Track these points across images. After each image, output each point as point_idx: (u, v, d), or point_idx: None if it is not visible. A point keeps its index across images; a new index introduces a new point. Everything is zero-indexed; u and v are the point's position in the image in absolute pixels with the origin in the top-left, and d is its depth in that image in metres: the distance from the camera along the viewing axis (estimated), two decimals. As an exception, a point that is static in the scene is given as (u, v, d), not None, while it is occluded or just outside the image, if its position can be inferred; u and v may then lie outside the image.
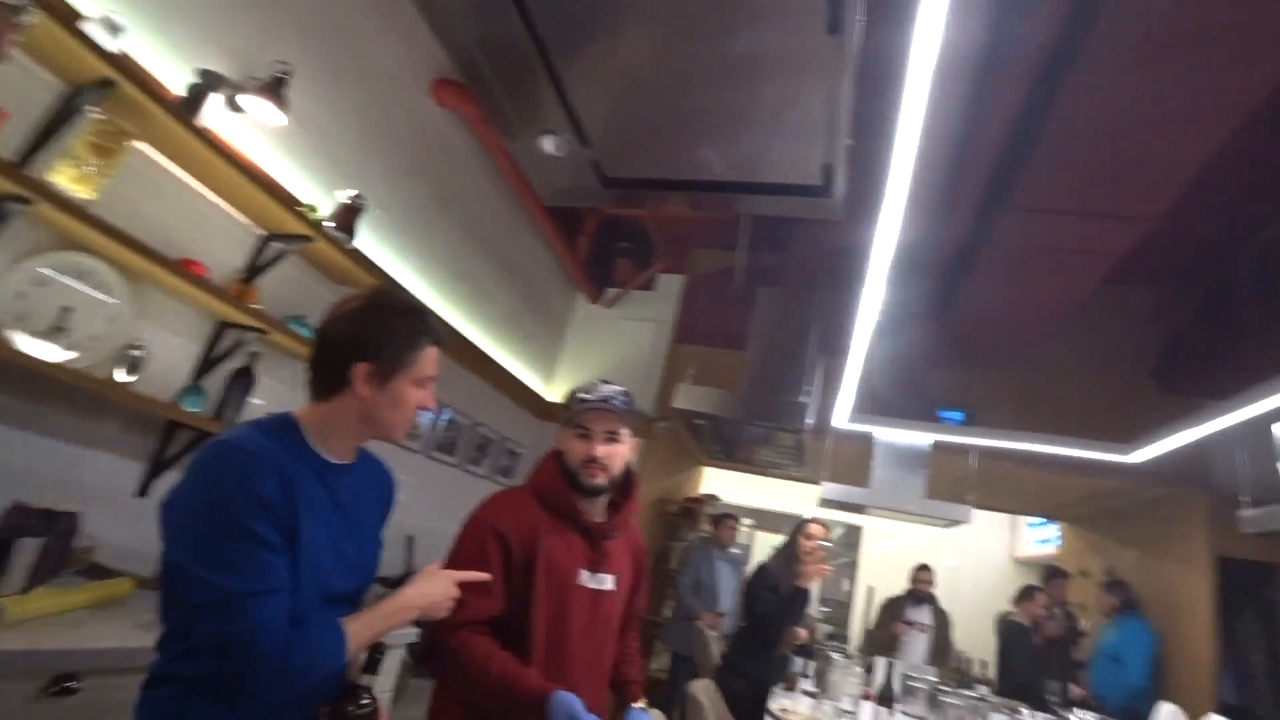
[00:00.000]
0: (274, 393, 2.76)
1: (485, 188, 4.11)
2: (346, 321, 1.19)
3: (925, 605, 4.75)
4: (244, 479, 1.03)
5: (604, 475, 1.54)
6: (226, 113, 2.35)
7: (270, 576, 1.02)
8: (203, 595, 0.99)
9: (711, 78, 1.34)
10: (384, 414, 1.20)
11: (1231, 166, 2.83)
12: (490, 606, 1.41)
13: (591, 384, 1.60)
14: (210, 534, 1.01)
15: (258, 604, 0.99)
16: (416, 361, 1.21)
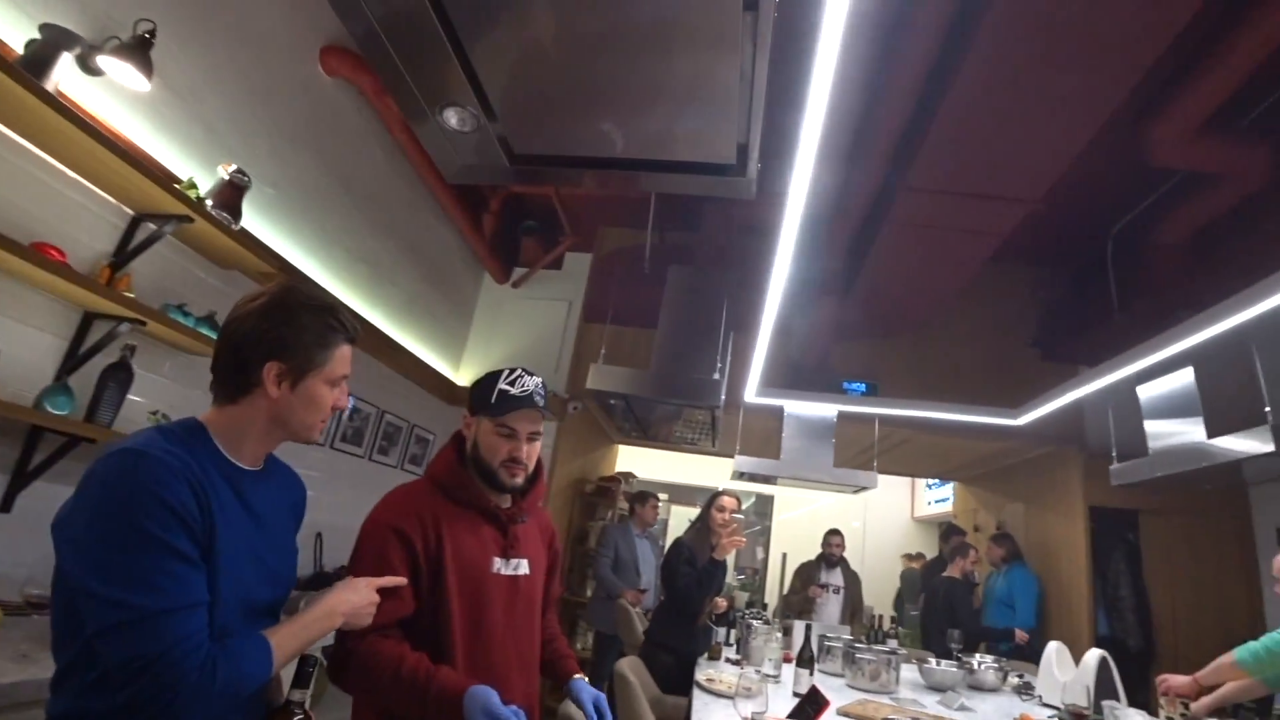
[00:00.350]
0: (155, 388, 2.53)
1: (383, 164, 3.90)
2: (254, 319, 1.10)
3: (836, 568, 4.97)
4: (154, 487, 0.94)
5: (523, 474, 1.52)
6: (81, 76, 2.10)
7: (187, 591, 0.95)
8: (113, 616, 0.90)
9: (625, 52, 1.29)
10: (297, 415, 1.14)
11: (1099, 156, 3.08)
12: (397, 609, 1.34)
13: (515, 374, 1.51)
14: (117, 548, 0.92)
15: (176, 621, 0.92)
16: (329, 360, 1.16)
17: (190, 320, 2.42)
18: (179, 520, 0.95)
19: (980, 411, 4.20)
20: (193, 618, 0.95)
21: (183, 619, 0.93)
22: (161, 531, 0.93)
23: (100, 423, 2.16)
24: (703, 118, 1.43)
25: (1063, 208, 3.95)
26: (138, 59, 2.08)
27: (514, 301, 5.47)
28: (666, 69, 1.31)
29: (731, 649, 3.66)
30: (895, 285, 4.10)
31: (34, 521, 2.11)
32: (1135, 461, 3.38)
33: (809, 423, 4.32)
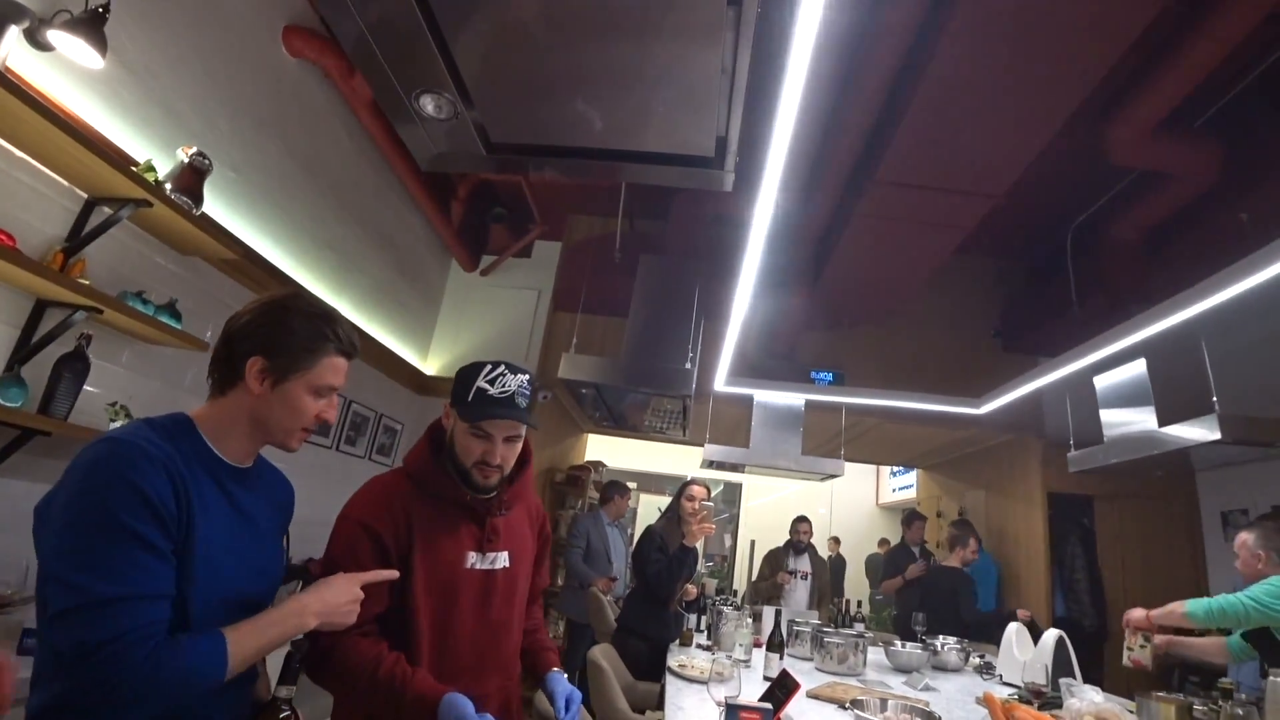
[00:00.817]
0: (113, 379, 2.45)
1: (349, 149, 3.82)
2: (248, 316, 1.14)
3: (805, 554, 5.04)
4: (131, 474, 0.94)
5: (497, 476, 1.43)
6: (29, 52, 2.02)
7: (149, 581, 0.94)
8: (69, 600, 0.89)
9: (607, 40, 1.27)
10: (274, 416, 1.14)
11: (1060, 153, 3.17)
12: (370, 605, 1.29)
13: (497, 372, 1.40)
14: (85, 533, 0.92)
15: (130, 609, 0.90)
16: (314, 366, 1.15)
17: (149, 308, 2.35)
18: (152, 511, 0.95)
19: (944, 401, 4.30)
20: (149, 608, 0.93)
21: (137, 608, 0.92)
22: (132, 520, 0.93)
23: (56, 415, 2.09)
24: (682, 109, 1.42)
25: (1025, 202, 4.04)
26: (90, 34, 2.00)
27: (483, 289, 5.41)
28: (648, 59, 1.29)
29: (703, 635, 3.70)
30: (861, 276, 4.16)
31: (-14, 516, 2.04)
32: (1091, 449, 3.50)
33: (777, 411, 4.37)
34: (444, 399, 4.76)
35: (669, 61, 1.28)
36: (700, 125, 1.46)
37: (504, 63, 1.36)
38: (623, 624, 3.38)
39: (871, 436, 5.74)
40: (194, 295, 2.74)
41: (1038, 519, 4.86)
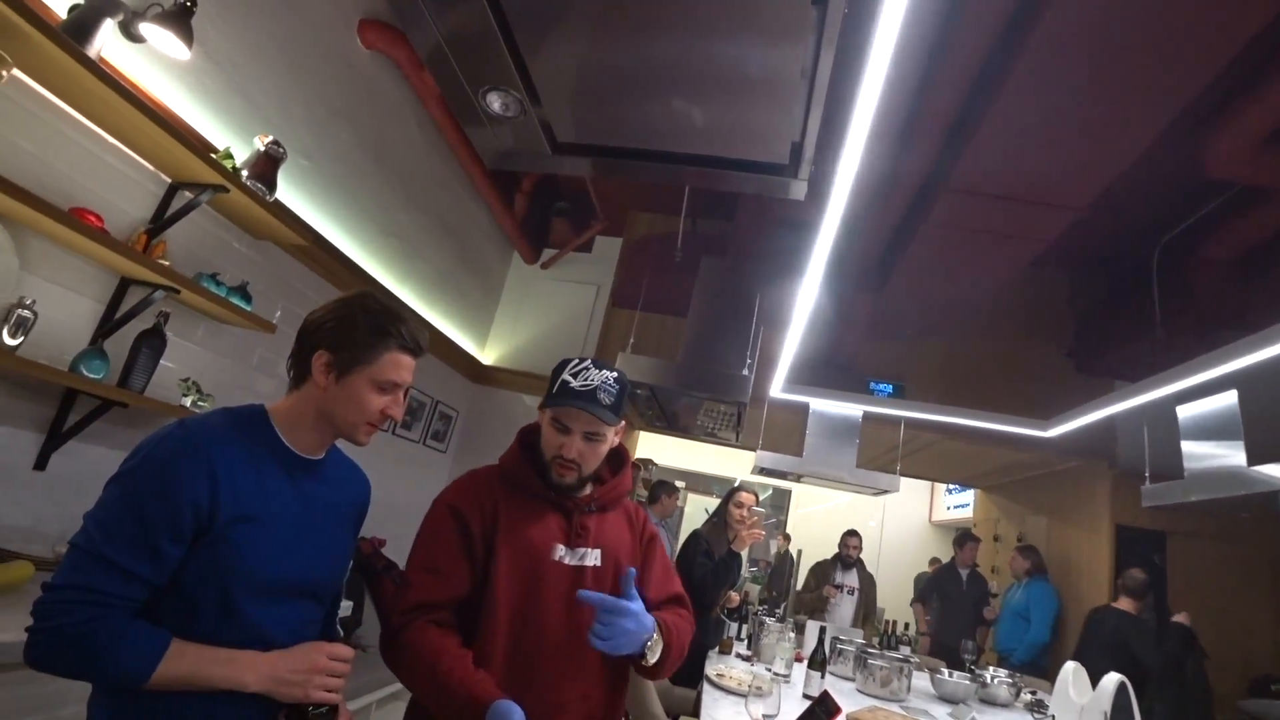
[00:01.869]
0: (187, 355, 2.56)
1: (417, 139, 3.89)
2: (319, 313, 1.20)
3: (853, 569, 4.93)
4: (171, 467, 1.02)
5: (574, 474, 1.39)
6: (123, 43, 2.11)
7: (137, 561, 0.99)
8: (76, 537, 0.99)
9: (683, 40, 1.23)
10: (339, 409, 1.18)
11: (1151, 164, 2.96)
12: (442, 588, 1.29)
13: (582, 366, 1.40)
14: (117, 498, 1.01)
15: (104, 571, 0.97)
16: (376, 361, 1.18)
17: (223, 290, 2.43)
18: (174, 509, 1.01)
19: (1009, 420, 4.11)
20: (123, 582, 0.98)
21: (111, 574, 0.97)
22: (153, 509, 1.00)
23: (133, 388, 2.19)
24: (758, 114, 1.37)
25: (1108, 215, 3.82)
26: (179, 27, 2.08)
27: (542, 283, 5.45)
28: (725, 61, 1.25)
29: (743, 644, 3.65)
30: (928, 287, 4.01)
31: (67, 480, 2.15)
32: (1169, 483, 3.29)
33: (834, 421, 4.27)
34: (500, 388, 4.78)
35: (747, 64, 1.24)
36: (776, 131, 1.40)
37: (574, 62, 1.33)
38: (663, 626, 3.37)
39: (929, 452, 5.55)
40: (265, 278, 2.83)
41: (1104, 552, 4.61)
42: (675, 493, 4.93)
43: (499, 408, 5.06)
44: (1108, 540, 4.59)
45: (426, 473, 4.56)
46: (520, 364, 5.16)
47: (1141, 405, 3.40)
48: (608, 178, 1.53)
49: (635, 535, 1.54)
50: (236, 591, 1.06)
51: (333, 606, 1.34)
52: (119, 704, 1.04)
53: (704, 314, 3.83)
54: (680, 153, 1.56)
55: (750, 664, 3.22)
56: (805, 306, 3.02)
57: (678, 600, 1.54)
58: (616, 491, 1.52)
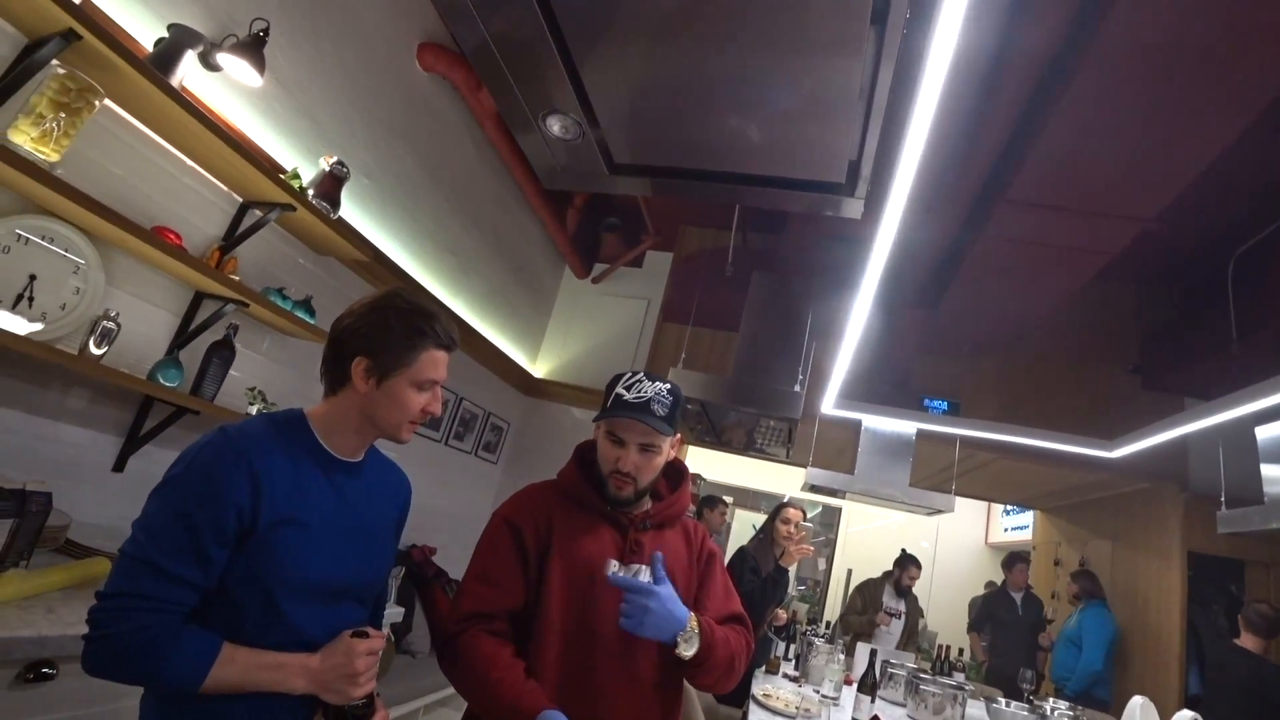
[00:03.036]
0: (253, 365, 2.68)
1: (473, 157, 3.99)
2: (351, 318, 1.20)
3: (903, 597, 4.79)
4: (214, 470, 1.05)
5: (631, 488, 1.39)
6: (202, 72, 2.23)
7: (185, 566, 1.02)
8: (127, 545, 1.02)
9: (741, 61, 1.24)
10: (382, 412, 1.20)
11: (1221, 173, 2.82)
12: (495, 598, 1.30)
13: (635, 379, 1.40)
14: (163, 505, 1.04)
15: (154, 577, 1.00)
16: (414, 362, 1.20)
17: (288, 304, 2.54)
18: (219, 509, 1.04)
19: (1072, 440, 3.95)
20: (173, 588, 1.01)
21: (160, 580, 1.00)
22: (199, 514, 1.03)
23: (204, 396, 2.30)
24: (815, 133, 1.36)
25: (1177, 225, 3.66)
26: (252, 56, 2.19)
27: (593, 297, 5.51)
28: (782, 81, 1.25)
29: (790, 664, 3.59)
30: (985, 302, 3.91)
31: (143, 481, 2.26)
32: (1247, 509, 3.11)
33: (886, 439, 4.18)
34: (551, 401, 4.83)
35: (804, 84, 1.23)
36: (833, 150, 1.39)
37: (633, 84, 1.34)
38: (709, 643, 3.34)
39: (986, 471, 5.38)
40: (327, 292, 2.94)
41: (1174, 580, 4.37)
42: (718, 506, 4.89)
43: (550, 420, 5.12)
44: (1179, 568, 4.35)
45: (477, 483, 4.65)
46: (571, 377, 5.21)
47: (1216, 425, 3.23)
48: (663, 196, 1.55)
49: (692, 553, 1.52)
50: (279, 594, 1.09)
51: (376, 608, 1.37)
52: (166, 704, 1.07)
53: (755, 329, 3.81)
54: (736, 172, 1.56)
55: (798, 685, 3.16)
56: (858, 322, 2.98)
57: (738, 619, 1.52)
58: (675, 509, 1.51)
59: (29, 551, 1.67)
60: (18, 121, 1.63)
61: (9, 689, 1.37)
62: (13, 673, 1.37)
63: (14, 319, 1.69)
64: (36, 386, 1.94)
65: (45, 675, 1.42)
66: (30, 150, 1.63)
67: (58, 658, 1.44)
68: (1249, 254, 3.79)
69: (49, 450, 2.00)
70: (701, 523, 4.38)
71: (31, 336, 1.71)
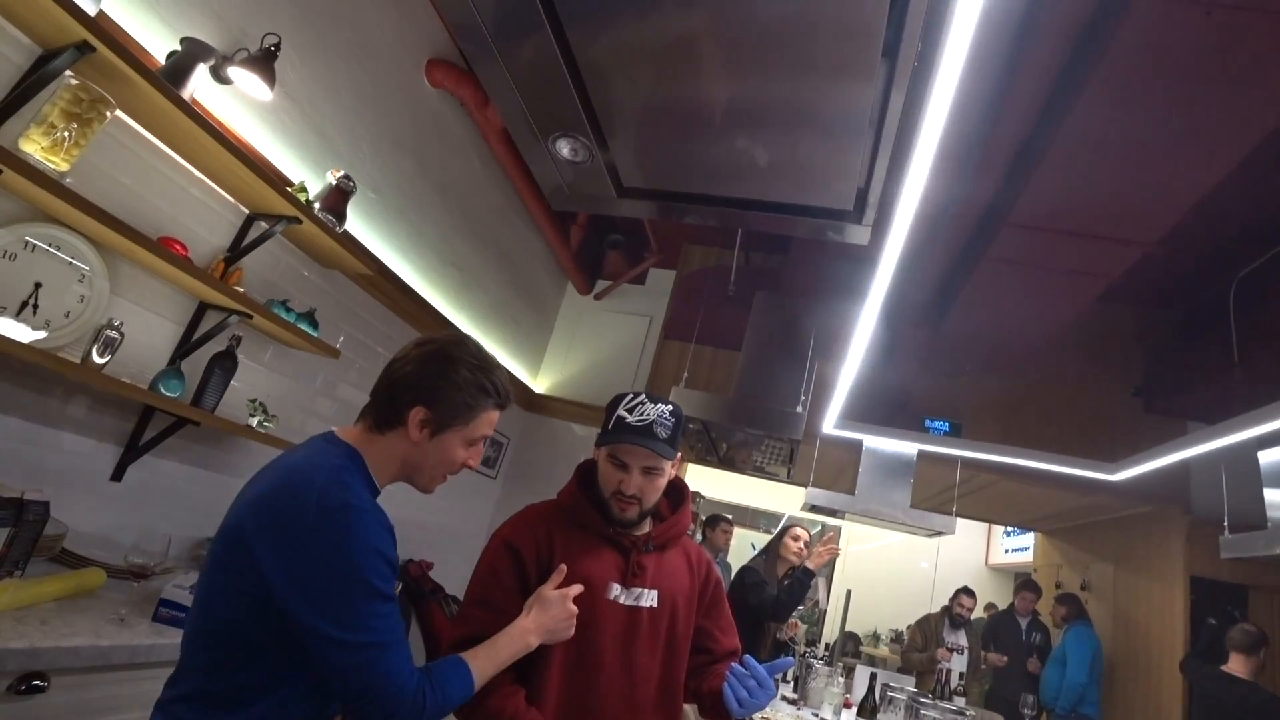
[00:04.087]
0: (255, 376, 2.68)
1: (479, 172, 4.02)
2: (416, 364, 1.18)
3: (961, 628, 4.72)
4: (377, 543, 1.05)
5: (635, 509, 1.39)
6: (212, 85, 2.25)
7: (394, 628, 1.06)
8: (349, 659, 1.01)
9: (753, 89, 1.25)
10: (428, 463, 1.20)
11: (1223, 196, 2.84)
12: (494, 623, 1.27)
13: (637, 400, 1.39)
14: (343, 596, 1.02)
15: (392, 656, 1.04)
16: (473, 420, 1.21)
17: (292, 315, 2.54)
18: (389, 569, 1.08)
19: (1074, 463, 3.93)
20: (402, 651, 1.06)
21: (396, 654, 1.04)
22: (380, 582, 1.04)
23: (205, 407, 2.29)
24: (824, 161, 1.37)
25: (1179, 248, 3.67)
26: (263, 70, 2.21)
27: (595, 313, 5.52)
28: (793, 109, 1.26)
29: (789, 686, 3.55)
30: (987, 324, 3.91)
31: (141, 492, 2.26)
32: (1251, 534, 3.09)
33: (887, 459, 4.16)
34: (551, 417, 4.83)
35: (815, 111, 1.24)
36: (842, 177, 1.40)
37: (644, 108, 1.35)
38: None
39: (987, 493, 5.35)
40: (331, 306, 2.95)
41: (1176, 605, 4.33)
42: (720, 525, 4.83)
43: (550, 436, 5.11)
44: (1181, 592, 4.32)
45: (476, 498, 4.63)
46: (572, 393, 5.21)
47: (1219, 449, 3.22)
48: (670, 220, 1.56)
49: (694, 578, 1.51)
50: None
51: None
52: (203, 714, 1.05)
53: (758, 349, 3.81)
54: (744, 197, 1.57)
55: (796, 708, 3.13)
56: (860, 343, 2.98)
57: (736, 655, 1.53)
58: (676, 529, 1.50)
59: (24, 561, 1.66)
60: (29, 131, 1.64)
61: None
62: (4, 684, 1.36)
63: (18, 326, 1.69)
64: (37, 394, 1.94)
65: (37, 688, 1.40)
66: (41, 159, 1.64)
67: (50, 670, 1.42)
68: (1251, 277, 3.80)
69: (48, 458, 1.99)
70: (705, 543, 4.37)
71: (35, 344, 1.71)
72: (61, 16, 1.57)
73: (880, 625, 7.90)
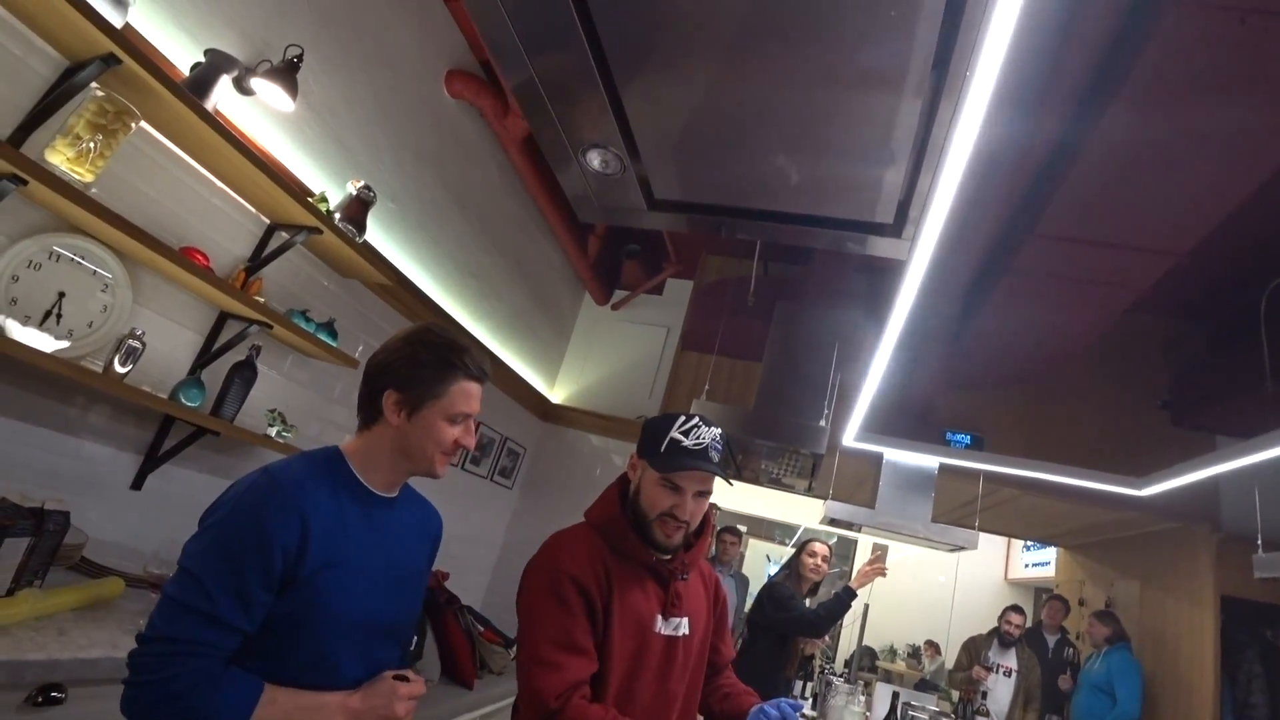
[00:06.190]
0: (274, 386, 2.67)
1: (497, 182, 4.02)
2: (383, 353, 1.22)
3: (1011, 649, 4.57)
4: (262, 513, 1.04)
5: (681, 534, 1.36)
6: (235, 96, 2.26)
7: (229, 610, 1.00)
8: (169, 587, 1.01)
9: (796, 100, 1.22)
10: (415, 444, 1.20)
11: (1259, 203, 2.77)
12: (588, 665, 1.24)
13: (691, 423, 1.36)
14: (208, 548, 1.03)
15: (196, 621, 0.98)
16: (445, 394, 1.20)
17: (311, 326, 2.54)
18: (266, 555, 1.02)
19: (1099, 478, 3.85)
20: (214, 631, 0.99)
21: (203, 624, 0.98)
22: (245, 556, 1.01)
23: (225, 416, 2.29)
24: (866, 174, 1.34)
25: (1209, 259, 3.59)
26: (285, 81, 2.22)
27: (612, 324, 5.49)
28: (835, 120, 1.23)
29: (807, 704, 3.48)
30: (1013, 337, 3.85)
31: (161, 501, 2.26)
32: (1287, 553, 3.01)
33: (908, 472, 4.10)
34: (568, 427, 4.80)
35: (858, 123, 1.20)
36: (884, 191, 1.36)
37: (679, 119, 1.32)
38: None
39: (1008, 507, 5.25)
40: (350, 315, 2.95)
41: (1206, 625, 4.22)
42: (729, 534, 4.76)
43: (567, 446, 5.08)
44: (1211, 612, 4.20)
45: (493, 508, 4.61)
46: (588, 404, 5.19)
47: (1252, 465, 3.13)
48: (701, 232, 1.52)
49: (709, 597, 1.52)
50: (323, 636, 1.08)
51: (407, 644, 1.35)
52: None
53: (779, 360, 3.77)
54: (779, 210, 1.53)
55: (817, 725, 3.07)
56: (884, 356, 2.93)
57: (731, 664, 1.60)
58: (700, 553, 1.48)
59: (44, 571, 1.65)
60: (55, 142, 1.65)
61: (16, 712, 1.34)
62: (21, 695, 1.35)
63: (41, 336, 1.69)
64: (59, 402, 1.94)
65: (54, 699, 1.39)
66: (66, 170, 1.65)
67: (68, 681, 1.42)
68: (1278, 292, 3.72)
69: (69, 466, 1.99)
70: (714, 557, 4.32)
71: (57, 354, 1.71)
72: (88, 29, 1.58)
73: (897, 640, 7.78)
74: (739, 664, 3.33)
